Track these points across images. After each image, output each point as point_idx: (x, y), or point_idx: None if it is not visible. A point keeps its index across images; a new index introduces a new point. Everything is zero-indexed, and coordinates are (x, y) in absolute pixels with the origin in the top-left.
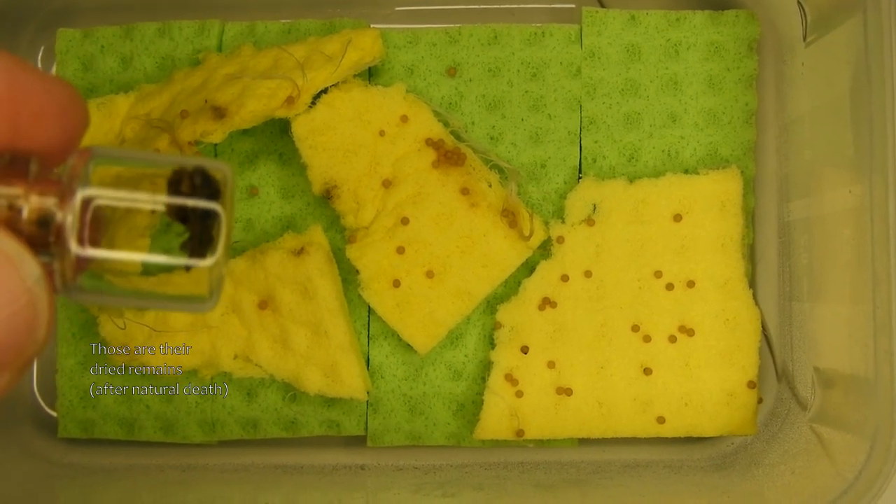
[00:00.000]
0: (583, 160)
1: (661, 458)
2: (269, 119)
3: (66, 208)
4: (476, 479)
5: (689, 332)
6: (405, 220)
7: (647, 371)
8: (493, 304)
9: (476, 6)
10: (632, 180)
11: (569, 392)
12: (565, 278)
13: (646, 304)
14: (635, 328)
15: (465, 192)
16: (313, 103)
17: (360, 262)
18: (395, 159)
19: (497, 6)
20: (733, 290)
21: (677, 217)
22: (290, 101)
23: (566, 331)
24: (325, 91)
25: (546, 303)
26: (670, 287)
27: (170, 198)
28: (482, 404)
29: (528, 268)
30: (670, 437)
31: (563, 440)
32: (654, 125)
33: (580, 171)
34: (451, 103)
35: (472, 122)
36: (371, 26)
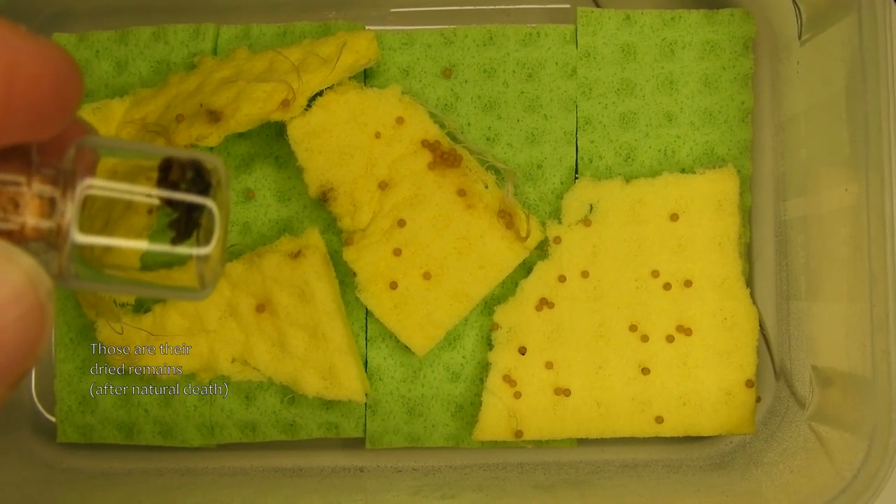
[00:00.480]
0: (579, 160)
1: (659, 457)
2: (264, 122)
3: (68, 196)
4: (475, 481)
5: (687, 332)
6: (402, 222)
7: (645, 371)
8: (490, 305)
9: (471, 7)
10: (628, 180)
11: (567, 392)
12: (562, 279)
13: (643, 304)
14: (633, 328)
15: (462, 193)
16: (309, 106)
17: (357, 265)
18: (391, 161)
19: (492, 7)
20: (731, 290)
21: (674, 216)
22: (285, 104)
23: (564, 331)
24: (320, 94)
25: (543, 303)
26: (668, 287)
27: (161, 190)
28: (481, 405)
29: (526, 268)
30: (669, 437)
31: (561, 440)
32: (650, 125)
33: (576, 172)
34: (446, 104)
35: (468, 124)
36: (366, 28)
